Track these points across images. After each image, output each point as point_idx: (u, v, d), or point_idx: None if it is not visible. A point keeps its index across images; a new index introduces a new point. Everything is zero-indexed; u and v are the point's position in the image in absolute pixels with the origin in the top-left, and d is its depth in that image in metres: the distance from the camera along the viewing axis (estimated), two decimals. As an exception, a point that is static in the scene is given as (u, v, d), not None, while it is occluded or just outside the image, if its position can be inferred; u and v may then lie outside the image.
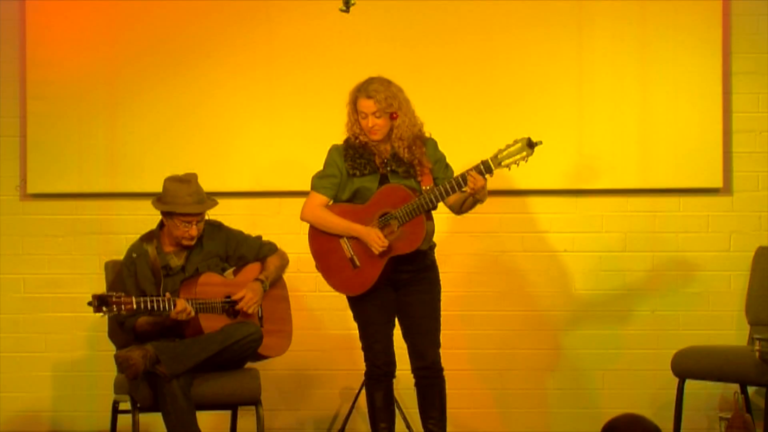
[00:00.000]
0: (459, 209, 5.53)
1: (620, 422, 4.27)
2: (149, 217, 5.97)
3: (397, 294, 5.52)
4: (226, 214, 6.06)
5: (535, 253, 6.68)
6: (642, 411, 4.78)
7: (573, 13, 6.62)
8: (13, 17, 6.69)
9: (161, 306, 5.53)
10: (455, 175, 5.41)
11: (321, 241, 5.52)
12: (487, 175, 5.32)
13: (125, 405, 5.66)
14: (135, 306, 5.47)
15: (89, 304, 5.43)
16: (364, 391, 6.00)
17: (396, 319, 5.58)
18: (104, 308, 5.41)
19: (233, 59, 6.66)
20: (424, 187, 5.42)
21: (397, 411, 5.74)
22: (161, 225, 5.81)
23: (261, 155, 6.66)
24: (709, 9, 6.60)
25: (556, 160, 6.50)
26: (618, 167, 6.62)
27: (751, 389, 6.28)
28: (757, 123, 6.66)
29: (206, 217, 5.79)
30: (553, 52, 6.62)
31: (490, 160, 5.32)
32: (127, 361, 5.40)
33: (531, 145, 5.31)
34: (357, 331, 5.58)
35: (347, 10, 5.55)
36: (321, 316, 6.64)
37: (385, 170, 5.48)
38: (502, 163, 5.33)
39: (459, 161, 5.72)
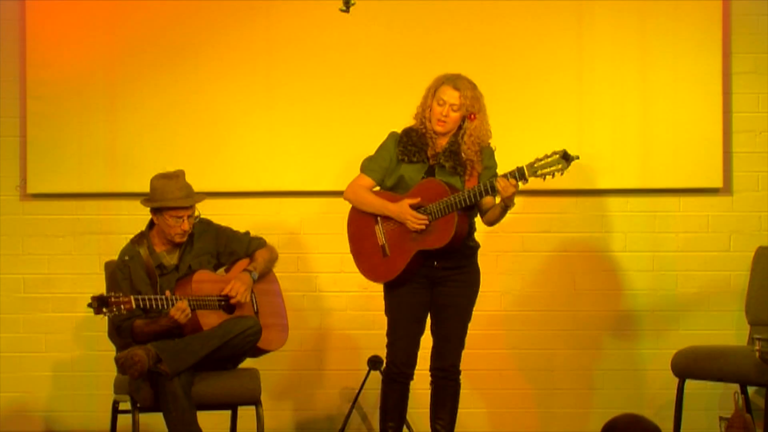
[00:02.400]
0: (486, 216, 5.50)
1: (620, 422, 4.27)
2: (149, 217, 5.97)
3: (433, 292, 5.50)
4: (227, 214, 6.06)
5: (535, 253, 6.68)
6: (642, 411, 4.80)
7: (573, 13, 6.62)
8: (13, 17, 6.69)
9: (159, 304, 5.53)
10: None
11: (358, 224, 5.53)
12: (520, 182, 5.32)
13: (125, 405, 5.66)
14: (134, 305, 5.47)
15: (89, 306, 5.42)
16: (364, 391, 6.02)
17: (429, 318, 5.55)
18: (104, 309, 5.41)
19: (234, 60, 6.66)
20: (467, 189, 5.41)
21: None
22: (150, 226, 5.81)
23: (261, 155, 6.65)
24: (709, 9, 6.60)
25: (556, 160, 6.49)
26: (618, 167, 6.63)
27: (751, 389, 6.28)
28: (757, 123, 6.67)
29: (197, 214, 5.77)
30: (553, 52, 6.62)
31: (525, 168, 5.30)
32: (132, 359, 5.39)
33: (567, 158, 5.29)
34: (357, 332, 5.58)
35: (347, 10, 5.55)
36: (320, 316, 6.64)
37: (434, 162, 5.48)
38: (538, 173, 5.31)
39: (459, 161, 5.73)
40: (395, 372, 5.50)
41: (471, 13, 6.63)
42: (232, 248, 5.87)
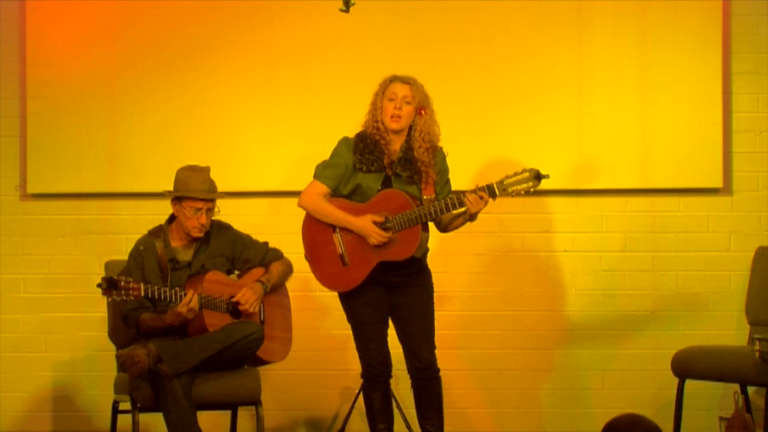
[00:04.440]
0: (446, 226, 5.53)
1: (620, 422, 4.27)
2: (149, 217, 5.98)
3: (390, 295, 5.51)
4: (227, 214, 6.05)
5: (535, 253, 6.68)
6: (642, 411, 4.78)
7: (573, 14, 6.62)
8: (13, 17, 6.69)
9: (169, 296, 5.53)
10: (459, 191, 5.40)
11: (315, 231, 5.50)
12: (489, 199, 5.34)
13: (125, 405, 5.66)
14: (143, 293, 5.48)
15: (98, 285, 5.44)
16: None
17: (390, 320, 5.57)
18: (113, 292, 5.43)
19: (233, 59, 6.67)
20: (425, 197, 5.41)
21: (396, 411, 5.74)
22: (170, 220, 5.81)
23: (261, 155, 6.66)
24: (709, 9, 6.60)
25: (556, 160, 6.50)
26: (618, 167, 6.63)
27: (751, 389, 6.28)
28: (757, 123, 6.67)
29: (217, 210, 5.77)
30: (553, 53, 6.62)
31: (495, 185, 5.32)
32: (132, 359, 5.39)
33: (538, 177, 5.32)
34: (357, 332, 5.57)
35: (347, 10, 5.56)
36: (320, 316, 6.64)
37: (390, 172, 5.48)
38: (507, 189, 5.33)
39: (459, 161, 5.73)
40: (375, 374, 5.50)
41: (471, 15, 6.63)
42: (247, 255, 5.87)
